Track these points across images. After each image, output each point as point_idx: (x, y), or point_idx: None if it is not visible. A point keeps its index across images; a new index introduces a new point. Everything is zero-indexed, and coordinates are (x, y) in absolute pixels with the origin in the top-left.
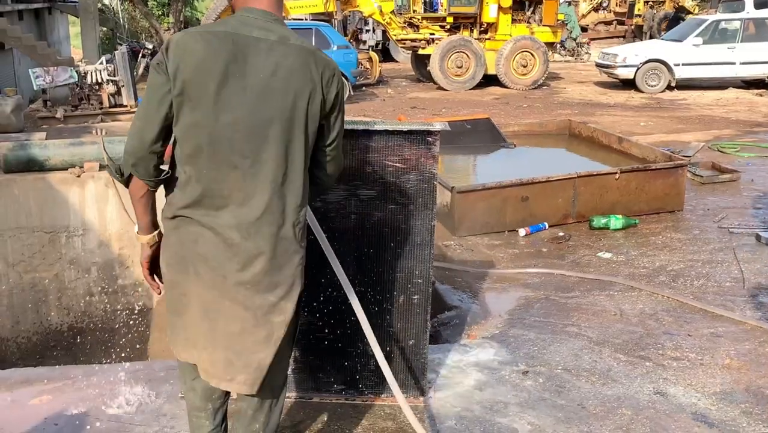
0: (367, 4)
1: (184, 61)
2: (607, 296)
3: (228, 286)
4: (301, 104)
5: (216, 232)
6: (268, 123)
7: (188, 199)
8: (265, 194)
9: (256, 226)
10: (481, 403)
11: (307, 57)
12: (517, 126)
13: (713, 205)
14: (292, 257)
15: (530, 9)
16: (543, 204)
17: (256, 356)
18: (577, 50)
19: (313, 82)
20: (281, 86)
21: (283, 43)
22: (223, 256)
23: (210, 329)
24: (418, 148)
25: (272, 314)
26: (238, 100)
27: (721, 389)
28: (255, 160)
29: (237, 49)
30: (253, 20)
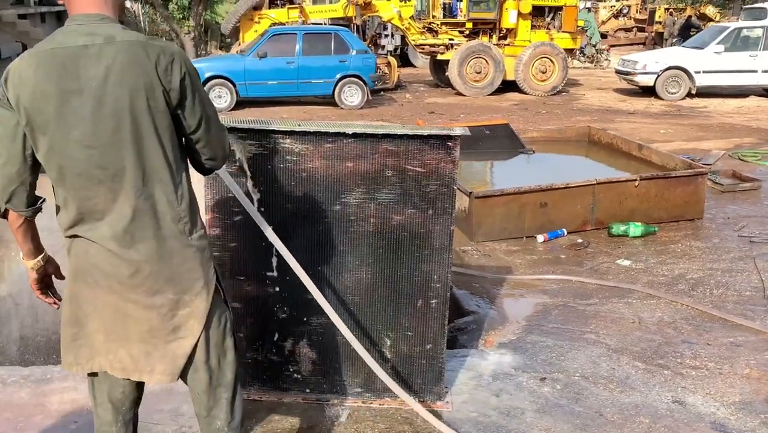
0: (386, 9)
1: (20, 91)
2: (625, 304)
3: (125, 291)
4: (140, 102)
5: (99, 244)
6: (114, 130)
7: (69, 220)
8: (131, 200)
9: (129, 233)
10: (498, 409)
11: (136, 50)
12: (536, 132)
13: (733, 214)
14: (183, 251)
15: (550, 15)
16: (562, 210)
17: (170, 346)
18: (597, 57)
19: (147, 76)
20: (116, 89)
21: (110, 43)
22: (112, 265)
23: (122, 327)
24: (437, 153)
25: (177, 309)
26: (79, 114)
27: (740, 398)
28: (114, 170)
29: (66, 63)
30: (77, 27)
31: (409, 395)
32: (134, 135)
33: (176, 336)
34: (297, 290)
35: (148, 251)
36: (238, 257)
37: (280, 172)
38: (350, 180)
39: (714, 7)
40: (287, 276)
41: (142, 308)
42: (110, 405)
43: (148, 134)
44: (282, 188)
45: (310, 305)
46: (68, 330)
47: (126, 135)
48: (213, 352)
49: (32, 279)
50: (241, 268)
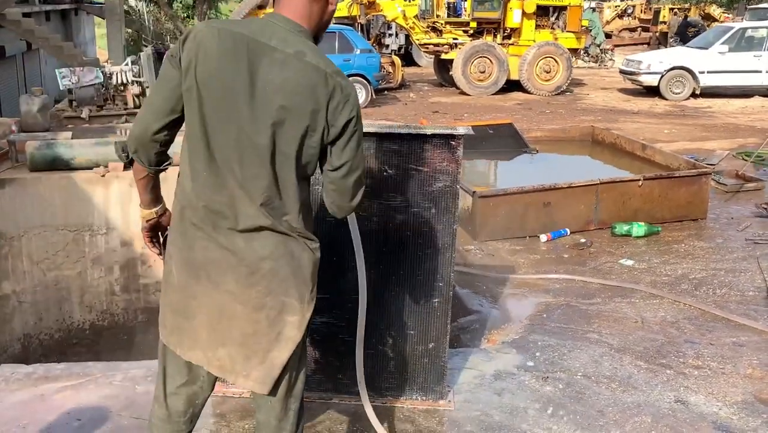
0: (390, 9)
1: (197, 58)
2: (628, 303)
3: (239, 290)
4: (300, 124)
5: (217, 240)
6: (264, 138)
7: (192, 200)
8: (259, 205)
9: (252, 233)
10: (501, 408)
11: (317, 78)
12: (540, 132)
13: (737, 214)
14: (302, 255)
15: (554, 15)
16: (565, 210)
17: (270, 355)
18: (601, 57)
19: (317, 105)
20: (283, 102)
21: (298, 58)
22: (232, 261)
23: (226, 328)
24: (441, 152)
25: (285, 313)
26: (239, 109)
27: (742, 398)
28: (250, 173)
29: (250, 56)
30: (276, 27)
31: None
32: (278, 148)
33: (278, 344)
34: None
35: (269, 249)
36: None
37: None
38: None
39: (718, 7)
40: None
41: (252, 310)
42: (185, 397)
43: (291, 153)
44: None
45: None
46: (175, 318)
47: (270, 146)
48: (295, 362)
49: (143, 227)
50: None
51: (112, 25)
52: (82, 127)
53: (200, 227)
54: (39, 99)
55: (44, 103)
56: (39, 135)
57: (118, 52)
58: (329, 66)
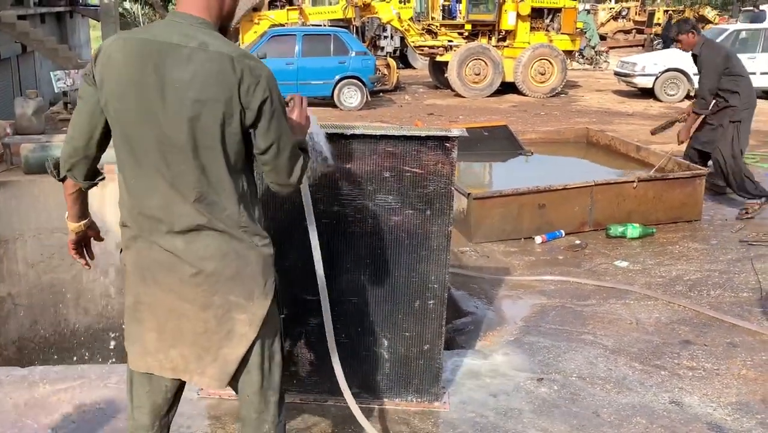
0: (385, 11)
1: (106, 72)
2: (623, 305)
3: (184, 290)
4: (216, 113)
5: (159, 243)
6: (183, 135)
7: (128, 209)
8: (194, 204)
9: (192, 234)
10: (496, 409)
11: (224, 63)
12: (535, 134)
13: (731, 216)
14: (246, 254)
15: (549, 17)
16: (560, 212)
17: (222, 351)
18: (596, 59)
19: (228, 91)
20: (195, 96)
21: (202, 50)
22: (174, 262)
23: (177, 327)
24: (435, 154)
25: (234, 311)
26: (153, 110)
27: (737, 399)
28: (177, 171)
29: (156, 58)
30: (177, 25)
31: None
32: (201, 143)
33: (229, 341)
34: (294, 290)
35: (211, 250)
36: None
37: None
38: (348, 181)
39: (712, 9)
40: (283, 277)
41: (199, 309)
42: (149, 408)
43: (214, 144)
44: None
45: (308, 305)
46: (129, 327)
47: (192, 142)
48: (266, 355)
49: (70, 240)
50: None
51: (107, 27)
52: None
53: (140, 234)
54: (34, 102)
55: (39, 105)
56: (34, 138)
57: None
58: (235, 51)
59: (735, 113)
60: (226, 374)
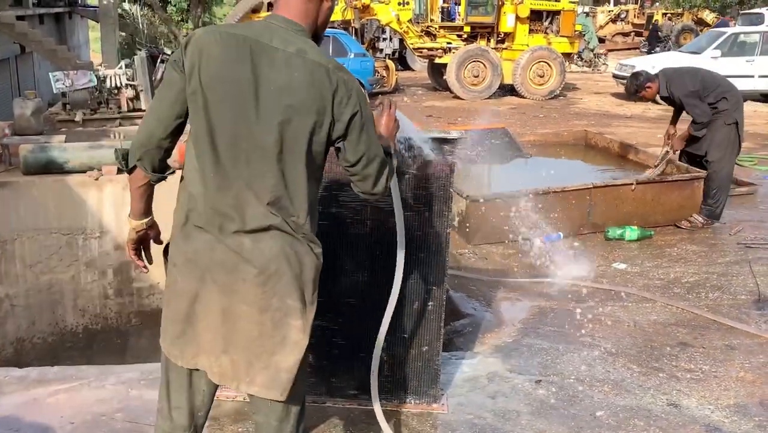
0: (384, 13)
1: (200, 62)
2: (621, 307)
3: (244, 291)
4: (307, 121)
5: (224, 242)
6: (271, 137)
7: (195, 203)
8: (266, 206)
9: (260, 234)
10: (494, 411)
11: (320, 73)
12: (533, 136)
13: (729, 218)
14: (306, 258)
15: (548, 19)
16: (558, 214)
17: (274, 358)
18: (595, 61)
19: (322, 101)
20: (289, 101)
21: (300, 56)
22: (238, 262)
23: (230, 331)
24: (434, 155)
25: (289, 316)
26: (245, 109)
27: (734, 401)
28: (257, 172)
29: (253, 57)
30: (276, 28)
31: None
32: (288, 150)
33: (283, 348)
34: None
35: (276, 250)
36: None
37: None
38: (347, 182)
39: (711, 12)
40: None
41: (257, 312)
42: (188, 410)
43: (299, 153)
44: None
45: None
46: (177, 326)
47: (279, 147)
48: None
49: (130, 238)
50: None
51: (106, 28)
52: (76, 130)
53: (207, 230)
54: (32, 102)
55: (38, 106)
56: (32, 138)
57: (111, 55)
58: (330, 62)
59: (728, 116)
60: (278, 382)
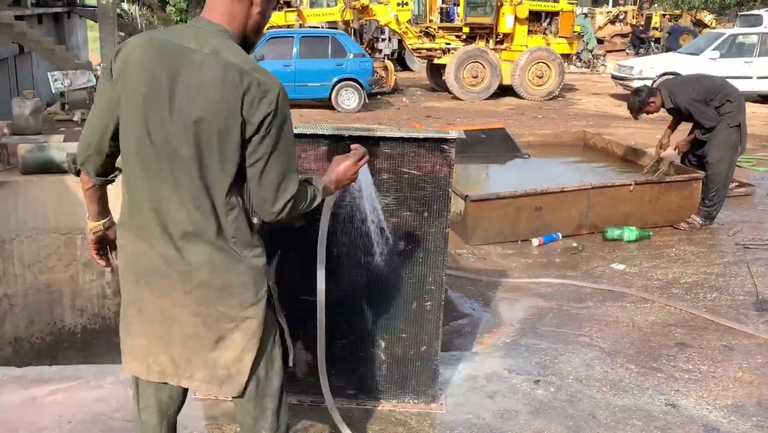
0: (383, 13)
1: (124, 68)
2: (619, 307)
3: (176, 294)
4: (215, 124)
5: (154, 247)
6: (186, 140)
7: (129, 207)
8: (189, 210)
9: (185, 240)
10: (492, 411)
11: (231, 73)
12: (532, 136)
13: (728, 219)
14: (236, 266)
15: (546, 20)
16: (557, 214)
17: (211, 355)
18: (593, 62)
19: (231, 101)
20: (199, 104)
21: (213, 57)
22: (167, 269)
23: (167, 331)
24: (433, 156)
25: (221, 321)
26: (162, 115)
27: (732, 402)
28: (178, 176)
29: (171, 61)
30: (197, 30)
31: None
32: (199, 150)
33: (218, 346)
34: (291, 292)
35: (201, 260)
36: None
37: None
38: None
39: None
40: (280, 278)
41: (190, 314)
42: (156, 409)
43: (213, 154)
44: None
45: (306, 306)
46: (123, 329)
47: (193, 149)
48: (261, 362)
49: (90, 240)
50: None
51: (105, 28)
52: (75, 130)
53: (139, 235)
54: (31, 102)
55: (36, 106)
56: (31, 138)
57: (110, 55)
58: (246, 63)
59: (732, 118)
60: (216, 378)
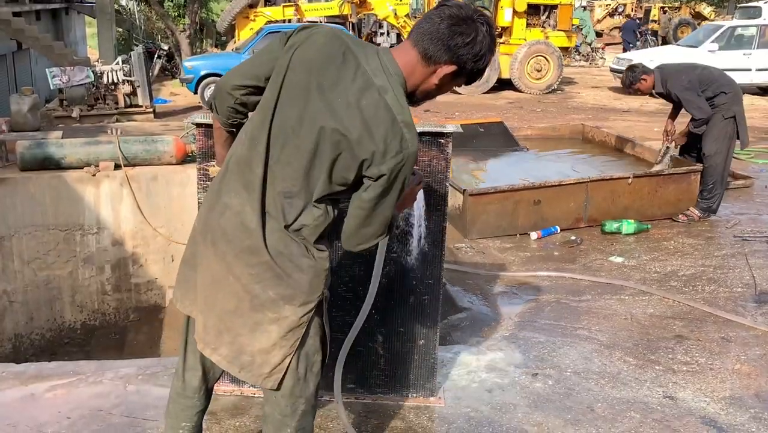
0: (381, 8)
1: (301, 44)
2: (618, 300)
3: (236, 264)
4: (345, 143)
5: (237, 211)
6: (310, 135)
7: (229, 162)
8: (280, 194)
9: (266, 218)
10: (491, 404)
11: (385, 115)
12: (531, 130)
13: (726, 212)
14: (300, 260)
15: (545, 13)
16: (555, 208)
17: (240, 339)
18: (592, 55)
19: (370, 138)
20: (342, 115)
21: (379, 92)
22: (239, 235)
23: (210, 296)
24: (430, 149)
25: (266, 308)
26: (309, 102)
27: (730, 393)
28: (284, 160)
29: (344, 65)
30: (379, 59)
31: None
32: (320, 152)
33: (252, 332)
34: None
35: (274, 241)
36: None
37: None
38: None
39: (709, 5)
40: None
41: (240, 288)
42: (201, 372)
43: (324, 160)
44: None
45: None
46: (184, 269)
47: (313, 146)
48: (302, 361)
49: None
50: None
51: (103, 24)
52: (73, 126)
53: (226, 191)
54: (29, 98)
55: (34, 102)
56: (29, 135)
57: (108, 51)
58: (403, 114)
59: (727, 109)
60: (238, 361)
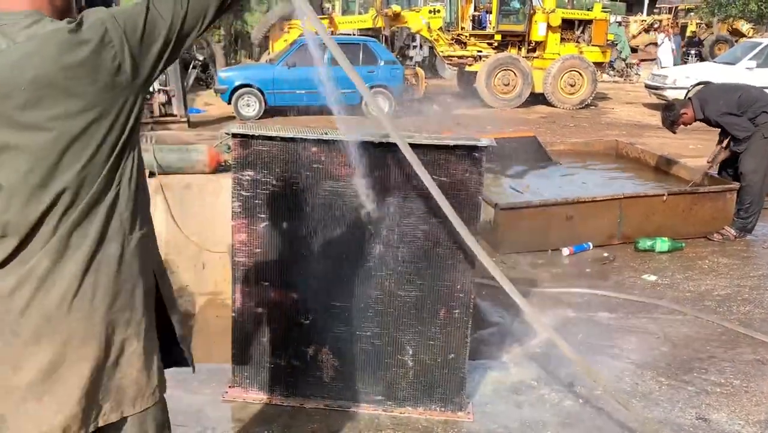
0: (415, 21)
1: None
2: (650, 319)
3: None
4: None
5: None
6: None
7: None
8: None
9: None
10: (520, 421)
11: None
12: (563, 145)
13: (762, 231)
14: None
15: (579, 28)
16: (588, 224)
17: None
18: (626, 71)
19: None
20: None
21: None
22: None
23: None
24: (464, 163)
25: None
26: None
27: (765, 417)
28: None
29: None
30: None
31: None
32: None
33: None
34: (320, 296)
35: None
36: (263, 263)
37: (306, 181)
38: (376, 189)
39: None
40: (310, 282)
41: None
42: None
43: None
44: (308, 197)
45: (333, 312)
46: None
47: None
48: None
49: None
50: (265, 274)
51: None
52: None
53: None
54: None
55: None
56: None
57: None
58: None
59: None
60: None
